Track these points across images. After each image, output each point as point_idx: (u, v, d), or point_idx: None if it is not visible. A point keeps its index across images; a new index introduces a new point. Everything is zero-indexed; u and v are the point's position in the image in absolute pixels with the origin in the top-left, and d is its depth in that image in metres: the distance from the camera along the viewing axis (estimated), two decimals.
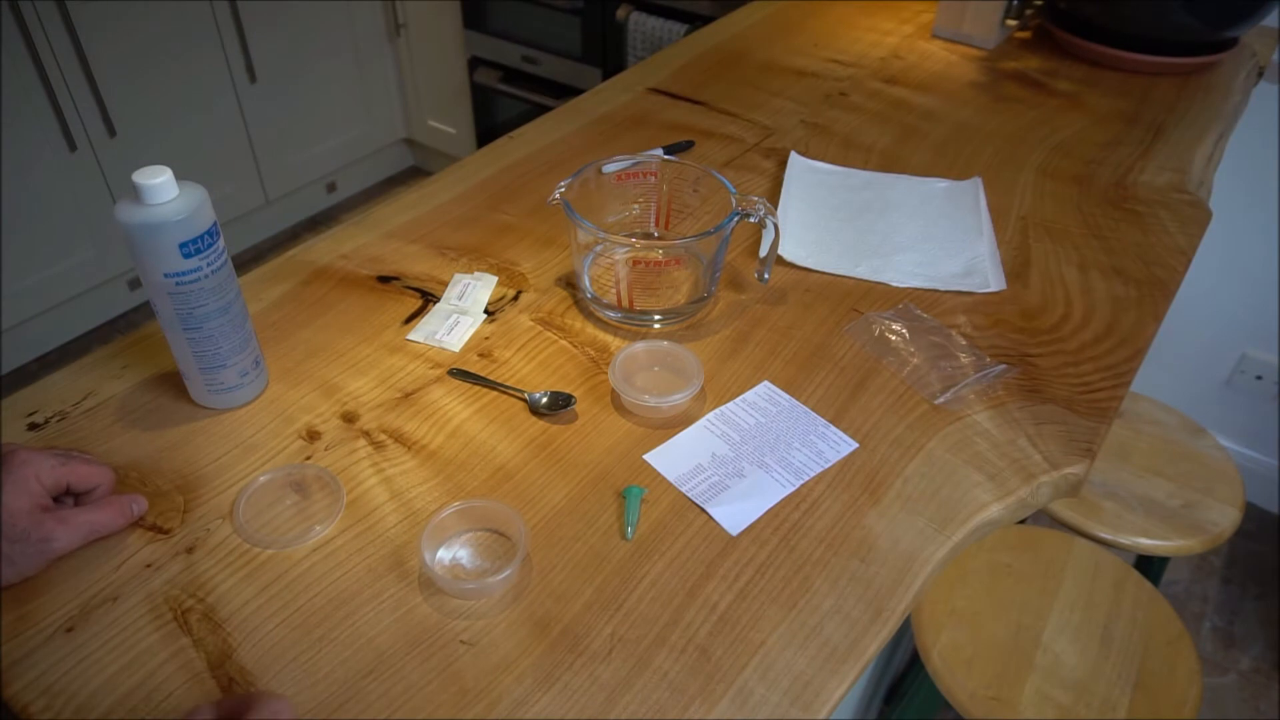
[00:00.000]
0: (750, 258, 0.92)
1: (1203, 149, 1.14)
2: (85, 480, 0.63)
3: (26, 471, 0.59)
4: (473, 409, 0.74)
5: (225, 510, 0.66)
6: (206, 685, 0.55)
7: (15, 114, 1.96)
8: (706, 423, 0.74)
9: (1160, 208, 1.02)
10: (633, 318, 0.83)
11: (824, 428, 0.73)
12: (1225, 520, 1.23)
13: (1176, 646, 1.04)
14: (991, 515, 0.68)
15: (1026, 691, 0.99)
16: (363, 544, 0.64)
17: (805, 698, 0.56)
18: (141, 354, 0.79)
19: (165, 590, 0.60)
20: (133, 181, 0.62)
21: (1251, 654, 1.75)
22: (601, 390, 0.77)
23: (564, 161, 1.07)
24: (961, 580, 1.09)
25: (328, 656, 0.57)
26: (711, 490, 0.68)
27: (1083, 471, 0.71)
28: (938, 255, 0.93)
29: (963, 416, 0.75)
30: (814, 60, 1.33)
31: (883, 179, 1.06)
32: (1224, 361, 1.90)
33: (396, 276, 0.89)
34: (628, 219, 0.90)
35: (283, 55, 2.43)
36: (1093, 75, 1.31)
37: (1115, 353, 0.82)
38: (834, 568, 0.63)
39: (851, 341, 0.82)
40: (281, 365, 0.78)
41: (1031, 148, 1.13)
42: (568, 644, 0.58)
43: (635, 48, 2.12)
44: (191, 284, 0.65)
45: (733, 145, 1.12)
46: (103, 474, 0.64)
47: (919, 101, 1.23)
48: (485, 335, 0.82)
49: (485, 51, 2.50)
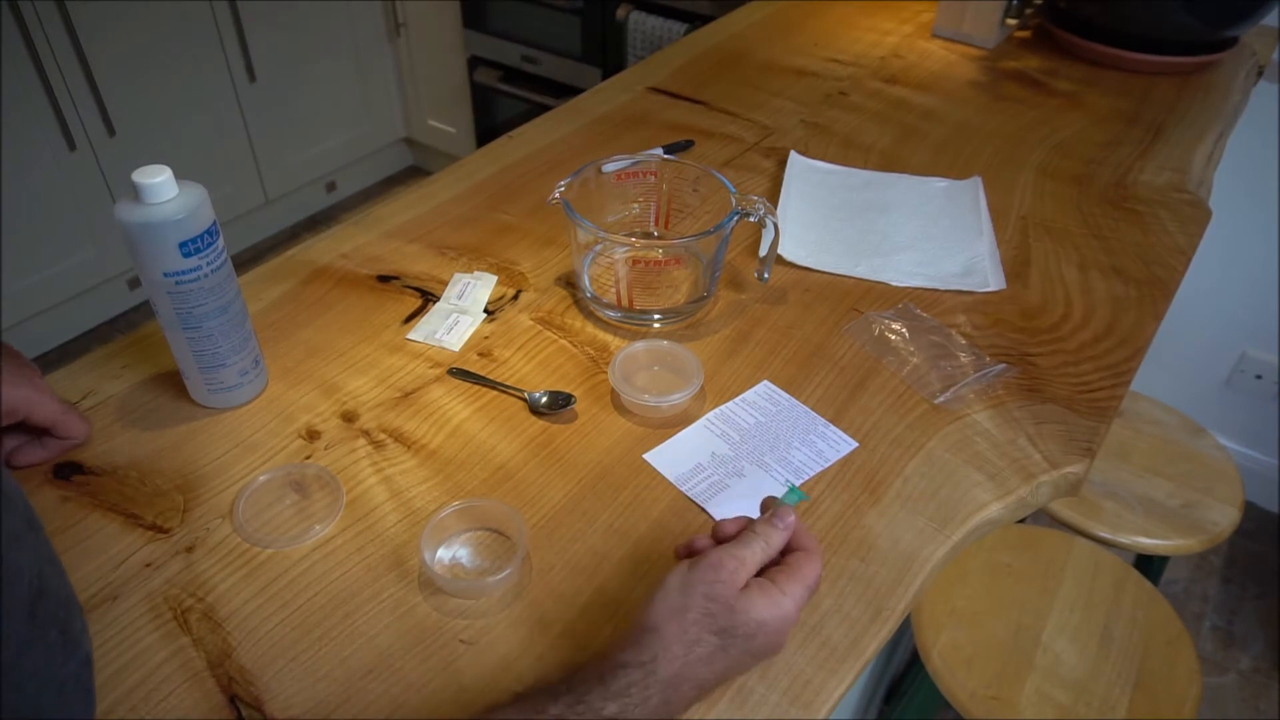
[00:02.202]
0: (750, 257, 0.92)
1: (1203, 148, 1.14)
2: (67, 432, 0.68)
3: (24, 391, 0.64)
4: (472, 408, 0.74)
5: (225, 510, 0.66)
6: (206, 684, 0.55)
7: (15, 114, 1.96)
8: (706, 422, 0.74)
9: (1160, 207, 1.02)
10: (632, 317, 0.83)
11: (824, 427, 0.73)
12: (1225, 520, 1.23)
13: (1176, 646, 1.04)
14: (991, 515, 0.68)
15: (1026, 691, 0.99)
16: (362, 543, 0.64)
17: (805, 697, 0.56)
18: (141, 353, 0.79)
19: (165, 589, 0.60)
20: (132, 181, 0.62)
21: (1251, 653, 1.75)
22: (601, 390, 0.77)
23: (564, 161, 1.07)
24: (961, 580, 1.09)
25: (327, 656, 0.57)
26: (711, 489, 0.68)
27: (1082, 471, 0.71)
28: (937, 255, 0.93)
29: (962, 416, 0.75)
30: (814, 60, 1.33)
31: (882, 178, 1.06)
32: (1224, 361, 1.90)
33: (396, 276, 0.89)
34: (627, 218, 0.90)
35: (283, 55, 2.43)
36: (1093, 75, 1.31)
37: (1115, 352, 0.82)
38: (834, 567, 0.63)
39: (851, 341, 0.82)
40: (281, 365, 0.78)
41: (1031, 147, 1.13)
42: (568, 644, 0.58)
43: (635, 47, 2.12)
44: (191, 283, 0.65)
45: (732, 145, 1.12)
46: (83, 431, 0.69)
47: (919, 101, 1.23)
48: (485, 335, 0.82)
49: (485, 51, 2.50)
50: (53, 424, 0.67)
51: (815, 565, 0.55)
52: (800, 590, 0.53)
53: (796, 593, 0.53)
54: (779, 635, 0.53)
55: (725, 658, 0.51)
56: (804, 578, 0.54)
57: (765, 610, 0.52)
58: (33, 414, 0.65)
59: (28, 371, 0.67)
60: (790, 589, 0.53)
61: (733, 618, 0.51)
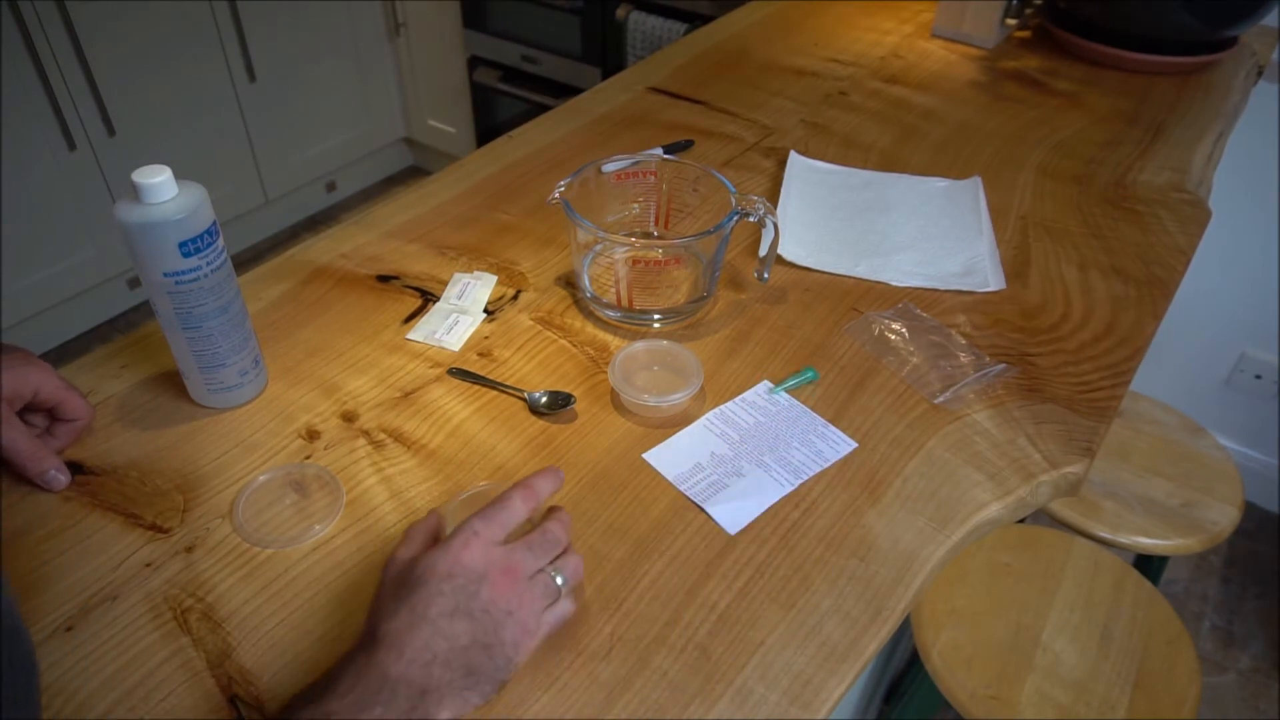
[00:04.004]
0: (750, 257, 0.92)
1: (1202, 148, 1.14)
2: (73, 411, 0.68)
3: (30, 371, 0.65)
4: (472, 408, 0.74)
5: (225, 510, 0.66)
6: (206, 684, 0.55)
7: (15, 114, 1.96)
8: (706, 422, 0.74)
9: (1160, 207, 1.02)
10: (632, 317, 0.83)
11: (823, 427, 0.73)
12: (1225, 519, 1.23)
13: (1176, 646, 1.04)
14: (991, 514, 0.68)
15: (1026, 691, 0.99)
16: (362, 543, 0.64)
17: (805, 697, 0.56)
18: (141, 353, 0.79)
19: (165, 589, 0.60)
20: (132, 181, 0.62)
21: (1251, 653, 1.75)
22: (601, 389, 0.77)
23: (564, 161, 1.07)
24: (961, 579, 1.09)
25: (327, 655, 0.57)
26: (711, 489, 0.68)
27: (1082, 471, 0.71)
28: (937, 254, 0.93)
29: (962, 416, 0.75)
30: (814, 60, 1.33)
31: (882, 178, 1.06)
32: (1223, 361, 1.90)
33: (396, 276, 0.89)
34: (627, 218, 0.90)
35: (282, 55, 2.43)
36: (1092, 75, 1.31)
37: (1115, 352, 0.82)
38: (833, 567, 0.63)
39: (851, 341, 0.82)
40: (281, 364, 0.78)
41: (1031, 147, 1.13)
42: (567, 643, 0.58)
43: (635, 47, 2.12)
44: (191, 283, 0.65)
45: (732, 145, 1.12)
46: (87, 412, 0.70)
47: (919, 101, 1.23)
48: (485, 334, 0.82)
49: (485, 51, 2.50)
50: (59, 402, 0.67)
51: (511, 502, 0.55)
52: (479, 521, 0.53)
53: (474, 523, 0.53)
54: (459, 552, 0.52)
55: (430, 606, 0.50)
56: (485, 512, 0.54)
57: (437, 551, 0.52)
58: (40, 390, 0.66)
59: (29, 356, 0.68)
60: (469, 522, 0.53)
61: (412, 573, 0.52)
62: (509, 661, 0.52)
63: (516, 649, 0.52)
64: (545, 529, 0.56)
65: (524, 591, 0.53)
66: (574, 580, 0.56)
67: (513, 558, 0.53)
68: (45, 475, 0.66)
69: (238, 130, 2.42)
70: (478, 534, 0.53)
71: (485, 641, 0.51)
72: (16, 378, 0.65)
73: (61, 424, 0.69)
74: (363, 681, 0.47)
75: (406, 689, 0.48)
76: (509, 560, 0.53)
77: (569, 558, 0.57)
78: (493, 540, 0.53)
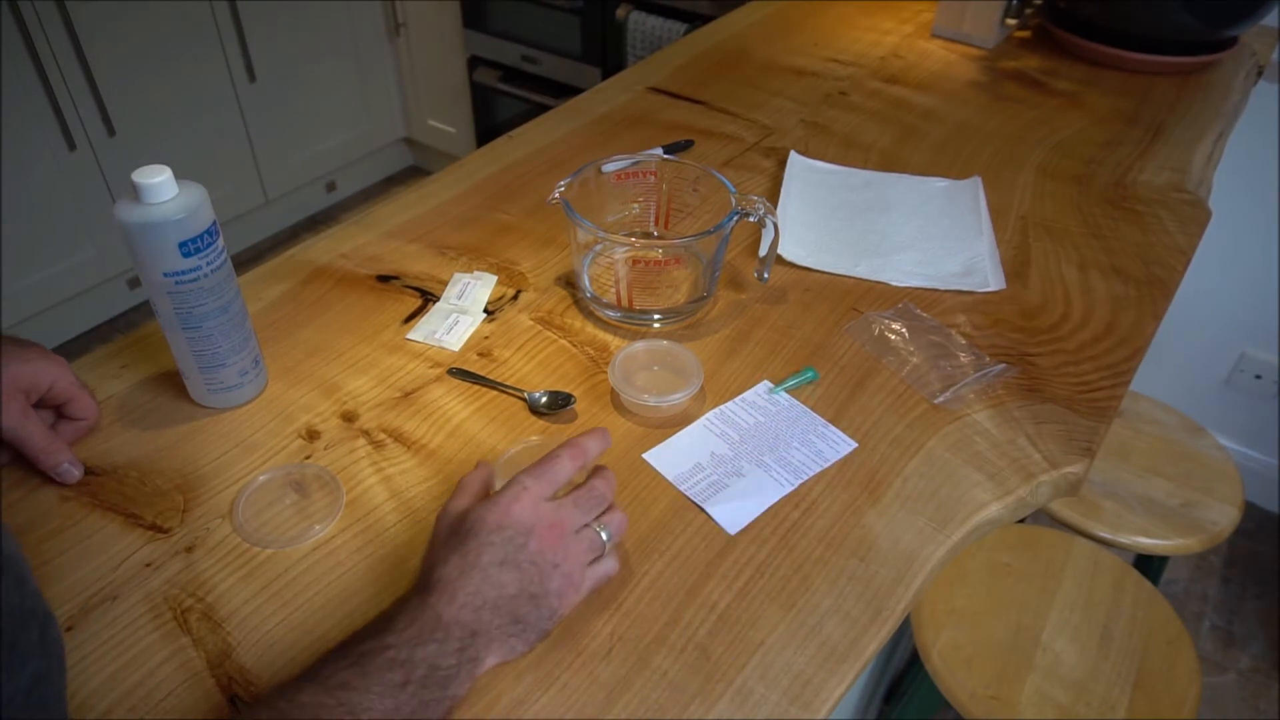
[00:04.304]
0: (750, 257, 0.92)
1: (1202, 148, 1.14)
2: (82, 410, 0.69)
3: (49, 365, 0.66)
4: (472, 408, 0.74)
5: (225, 510, 0.66)
6: (206, 684, 0.55)
7: (15, 114, 1.96)
8: (706, 422, 0.74)
9: (1160, 207, 1.02)
10: (632, 317, 0.83)
11: (823, 427, 0.73)
12: (1225, 519, 1.23)
13: (1176, 646, 1.04)
14: (991, 514, 0.68)
15: (1026, 691, 0.99)
16: (362, 543, 0.64)
17: (805, 697, 0.56)
18: (141, 353, 0.79)
19: (164, 589, 0.60)
20: (132, 181, 0.62)
21: (1251, 653, 1.75)
22: (601, 390, 0.77)
23: (564, 161, 1.07)
24: (961, 579, 1.09)
25: None
26: (710, 489, 0.68)
27: (1082, 471, 0.71)
28: (937, 254, 0.93)
29: (962, 416, 0.75)
30: (814, 60, 1.33)
31: (882, 178, 1.06)
32: (1223, 361, 1.90)
33: (396, 276, 0.89)
34: (627, 218, 0.90)
35: (282, 55, 2.43)
36: (1092, 75, 1.31)
37: (1115, 352, 0.82)
38: (833, 567, 0.63)
39: (851, 341, 0.82)
40: (281, 364, 0.78)
41: (1031, 147, 1.13)
42: (567, 643, 0.58)
43: (635, 47, 2.12)
44: (191, 283, 0.65)
45: (732, 145, 1.12)
46: (94, 413, 0.70)
47: (919, 101, 1.23)
48: (485, 334, 0.82)
49: (485, 51, 2.50)
50: (70, 399, 0.68)
51: (560, 460, 0.58)
52: (528, 477, 0.56)
53: (523, 478, 0.56)
54: (509, 505, 0.54)
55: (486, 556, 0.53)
56: (534, 469, 0.57)
57: (488, 504, 0.55)
58: (55, 385, 0.67)
59: (46, 351, 0.68)
60: (519, 478, 0.56)
61: (464, 524, 0.54)
62: (553, 612, 0.55)
63: (561, 600, 0.55)
64: (591, 486, 0.58)
65: (570, 545, 0.56)
66: (618, 536, 0.59)
67: (560, 513, 0.56)
68: (59, 468, 0.66)
69: (238, 130, 2.42)
70: (527, 489, 0.55)
71: (532, 592, 0.54)
72: (35, 371, 0.65)
73: (67, 422, 0.69)
74: (418, 621, 0.51)
75: (459, 629, 0.51)
76: (556, 515, 0.55)
77: (613, 514, 0.59)
78: (541, 496, 0.56)
